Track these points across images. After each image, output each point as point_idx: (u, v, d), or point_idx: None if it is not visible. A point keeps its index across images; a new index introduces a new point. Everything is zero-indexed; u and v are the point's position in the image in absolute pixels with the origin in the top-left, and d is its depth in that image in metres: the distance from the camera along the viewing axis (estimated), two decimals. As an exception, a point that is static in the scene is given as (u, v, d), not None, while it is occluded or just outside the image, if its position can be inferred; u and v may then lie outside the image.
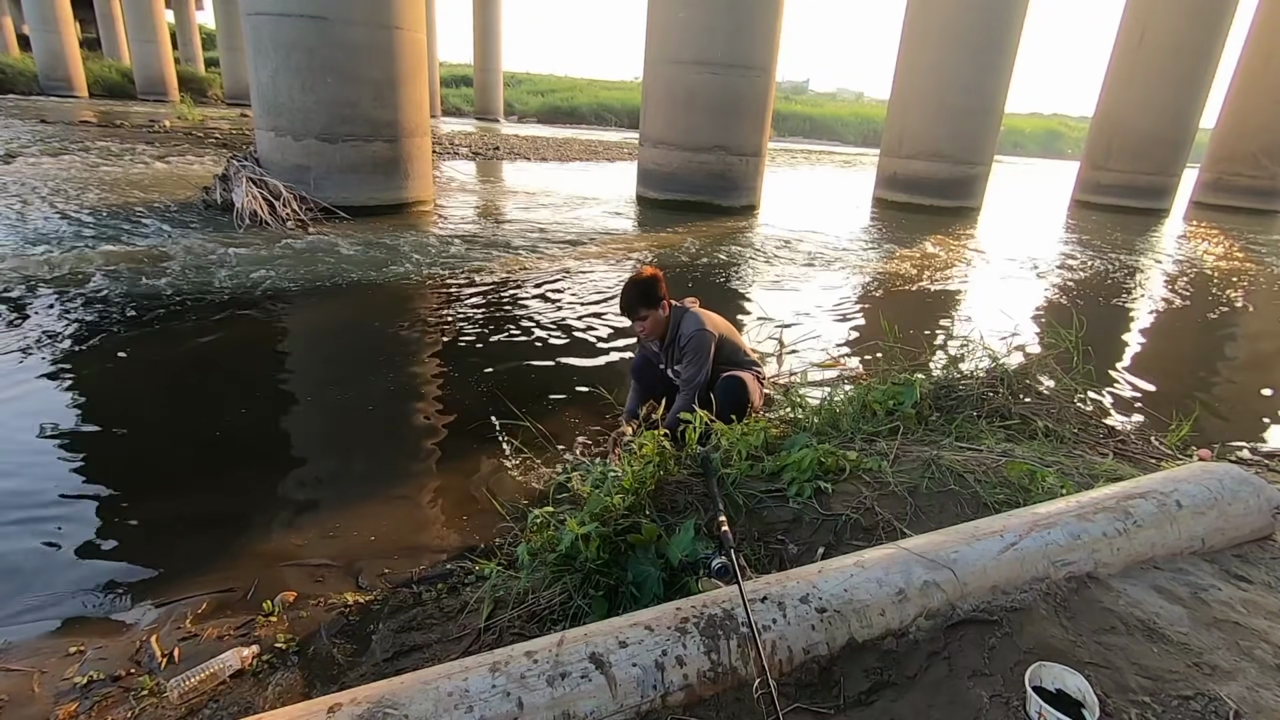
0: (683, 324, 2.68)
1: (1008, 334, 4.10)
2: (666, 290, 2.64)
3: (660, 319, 2.65)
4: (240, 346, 3.89)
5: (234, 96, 24.83)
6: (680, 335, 2.67)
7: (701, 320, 2.67)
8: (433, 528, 2.37)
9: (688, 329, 2.65)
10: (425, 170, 7.92)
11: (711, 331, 2.66)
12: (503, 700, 1.18)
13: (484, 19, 26.28)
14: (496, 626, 1.76)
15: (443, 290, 5.12)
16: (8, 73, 22.46)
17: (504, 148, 16.59)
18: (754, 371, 2.81)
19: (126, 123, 15.22)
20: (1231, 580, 1.76)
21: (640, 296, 2.59)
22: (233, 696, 1.58)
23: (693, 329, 2.64)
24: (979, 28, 10.33)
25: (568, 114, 31.91)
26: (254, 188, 6.71)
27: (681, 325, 2.68)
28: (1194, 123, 13.29)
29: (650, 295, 2.59)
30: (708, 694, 1.31)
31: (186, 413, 3.10)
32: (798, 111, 34.47)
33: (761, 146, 9.69)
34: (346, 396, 3.32)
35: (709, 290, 5.69)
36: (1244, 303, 6.72)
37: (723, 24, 8.52)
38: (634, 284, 2.61)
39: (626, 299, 2.61)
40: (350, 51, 6.76)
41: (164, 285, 4.67)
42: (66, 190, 7.52)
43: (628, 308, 2.62)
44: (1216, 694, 1.37)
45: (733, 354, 2.80)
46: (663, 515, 1.95)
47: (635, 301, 2.60)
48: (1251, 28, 14.94)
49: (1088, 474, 2.33)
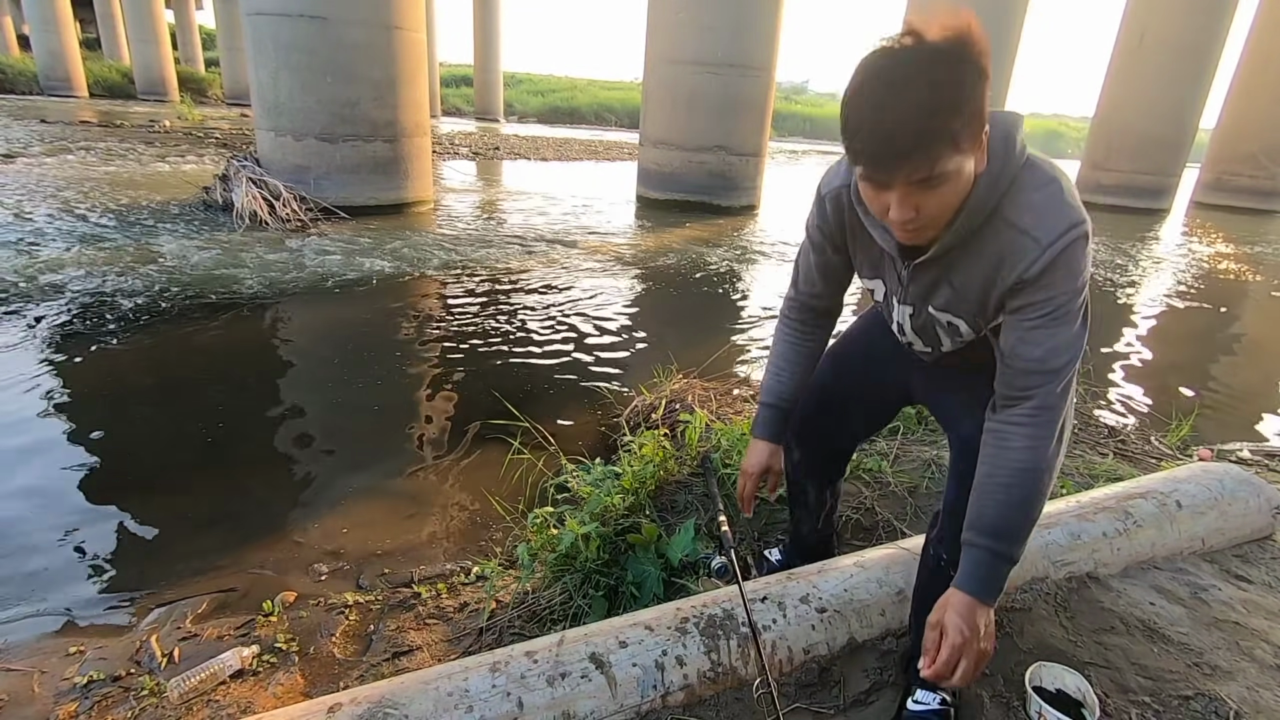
0: (1011, 189, 0.96)
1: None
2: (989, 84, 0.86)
3: (965, 179, 0.91)
4: (240, 346, 3.89)
5: (234, 96, 24.81)
6: (1014, 227, 0.96)
7: (1062, 185, 0.96)
8: (433, 528, 2.37)
9: (1032, 212, 0.95)
10: (425, 170, 7.92)
11: (1088, 220, 0.95)
12: (503, 700, 1.18)
13: (484, 19, 26.27)
14: (496, 626, 1.76)
15: (442, 290, 5.11)
16: (8, 73, 22.44)
17: (504, 148, 16.58)
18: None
19: (126, 123, 15.21)
20: (1231, 580, 1.76)
21: (938, 111, 0.82)
22: (233, 696, 1.58)
23: (1052, 214, 0.94)
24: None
25: (568, 114, 31.89)
26: (254, 188, 6.71)
27: (1009, 196, 0.96)
28: (1194, 123, 13.28)
29: (958, 104, 0.83)
30: (708, 694, 1.31)
31: (185, 412, 3.09)
32: (798, 111, 34.44)
33: (762, 146, 9.69)
34: (346, 396, 3.32)
35: (709, 290, 5.70)
36: (1244, 303, 6.72)
37: (723, 24, 8.52)
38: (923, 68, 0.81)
39: (902, 120, 0.82)
40: (350, 51, 6.76)
41: (162, 285, 4.67)
42: (67, 190, 7.51)
43: (901, 145, 0.83)
44: (1216, 694, 1.37)
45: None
46: (663, 515, 1.95)
47: (926, 124, 0.82)
48: (1251, 28, 14.94)
49: (1088, 474, 2.33)
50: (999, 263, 0.99)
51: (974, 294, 1.04)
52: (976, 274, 1.02)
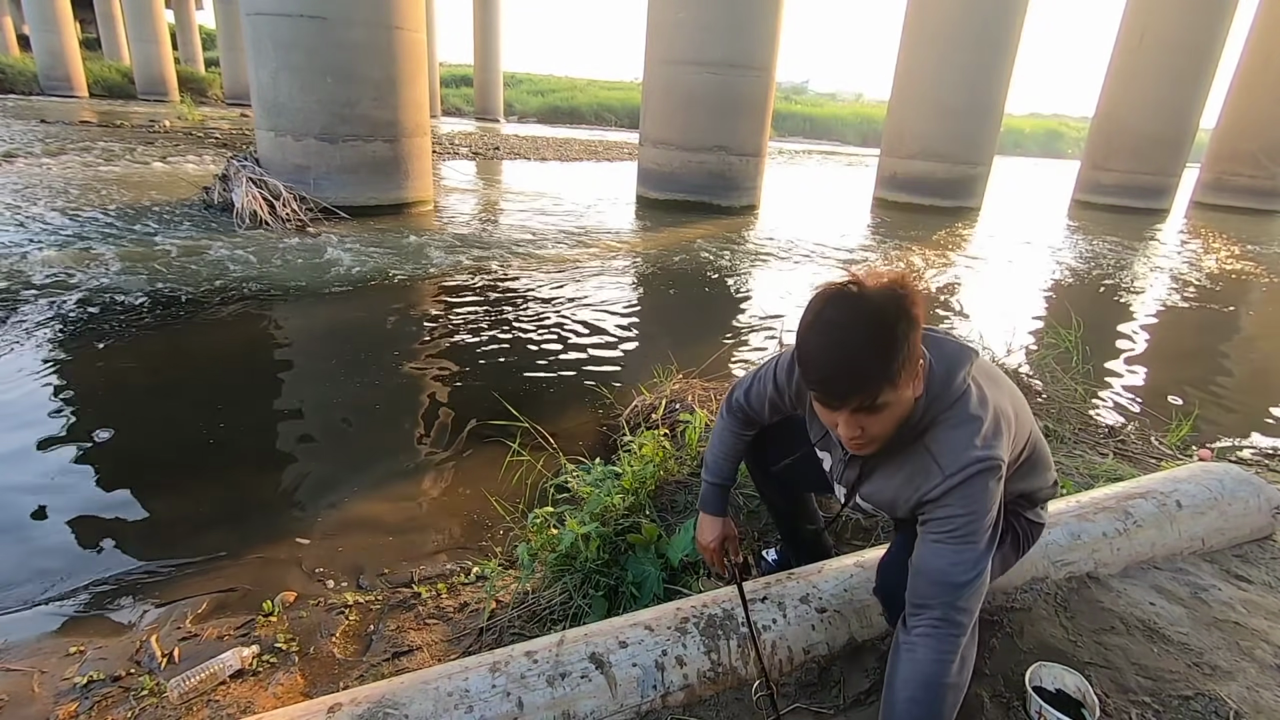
0: (937, 421, 1.10)
1: (1007, 334, 4.09)
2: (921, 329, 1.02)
3: (904, 404, 1.05)
4: (240, 346, 3.89)
5: (234, 96, 24.81)
6: (928, 453, 1.10)
7: (982, 424, 1.08)
8: (433, 528, 2.37)
9: (945, 444, 1.08)
10: (425, 170, 7.92)
11: (999, 458, 1.07)
12: (503, 700, 1.18)
13: (484, 19, 26.27)
14: (496, 626, 1.76)
15: (442, 290, 5.11)
16: (8, 73, 22.43)
17: (504, 148, 16.58)
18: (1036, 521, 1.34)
19: (126, 123, 15.21)
20: (1231, 580, 1.76)
21: (876, 358, 0.98)
22: (233, 696, 1.58)
23: (961, 450, 1.07)
24: (979, 28, 10.32)
25: (568, 114, 31.89)
26: (254, 188, 6.71)
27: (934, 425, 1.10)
28: (1194, 123, 13.27)
29: (893, 352, 0.98)
30: (708, 694, 1.31)
31: (185, 412, 3.09)
32: (798, 111, 34.43)
33: (762, 146, 9.68)
34: (346, 396, 3.32)
35: (709, 290, 5.70)
36: (1244, 303, 6.72)
37: (722, 24, 8.52)
38: (863, 320, 0.98)
39: (846, 365, 0.99)
40: (350, 51, 6.76)
41: (162, 285, 4.67)
42: (66, 190, 7.51)
43: (846, 386, 1.00)
44: (1216, 694, 1.37)
45: (1026, 475, 1.26)
46: (663, 515, 1.95)
47: (867, 369, 0.98)
48: (1251, 28, 14.93)
49: (1088, 474, 2.33)
50: (910, 478, 1.13)
51: (889, 497, 1.19)
52: (894, 482, 1.17)
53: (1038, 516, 1.34)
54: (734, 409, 1.45)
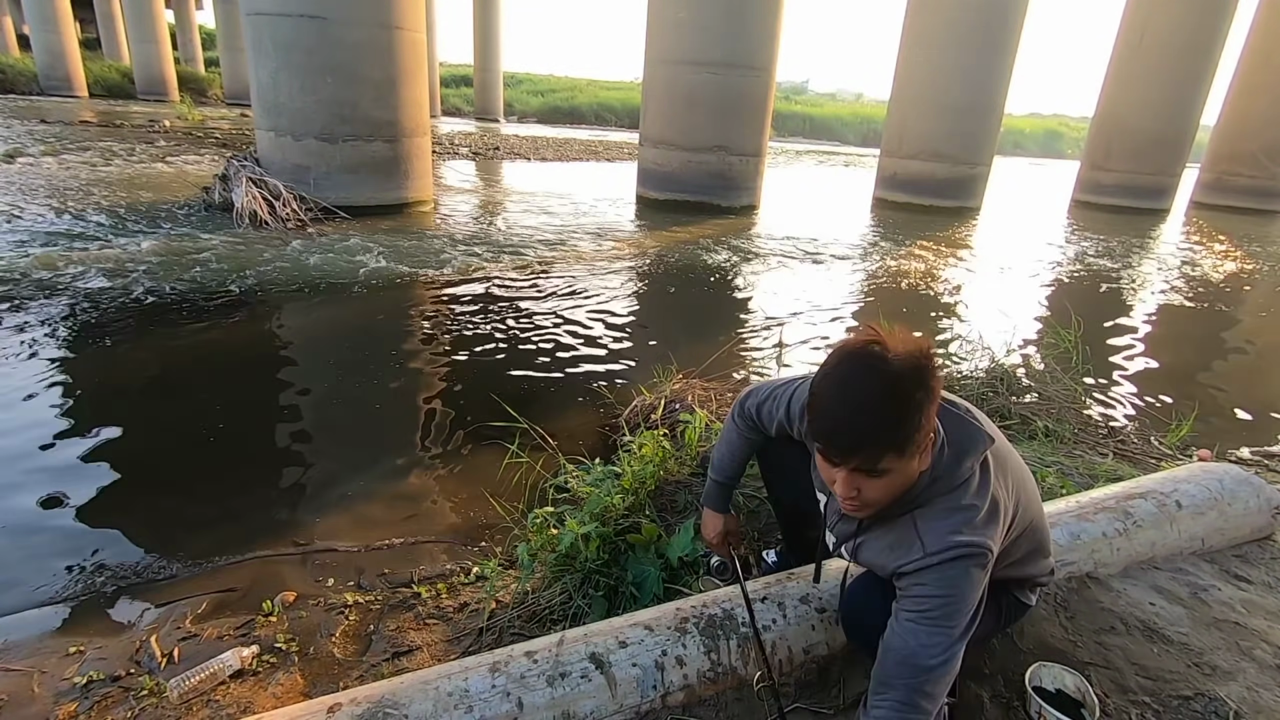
0: (932, 502, 1.10)
1: (1007, 334, 4.09)
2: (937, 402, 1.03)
3: (906, 475, 1.05)
4: (239, 346, 3.89)
5: (234, 96, 24.80)
6: (914, 529, 1.10)
7: (976, 512, 1.08)
8: (433, 528, 2.37)
9: (934, 524, 1.08)
10: (425, 170, 7.92)
11: (987, 546, 1.06)
12: (503, 700, 1.18)
13: (484, 19, 26.27)
14: (496, 626, 1.76)
15: (442, 290, 5.11)
16: (8, 73, 22.42)
17: (504, 148, 16.58)
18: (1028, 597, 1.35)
19: (126, 123, 15.21)
20: (1231, 580, 1.76)
21: (886, 422, 0.98)
22: (232, 696, 1.58)
23: (947, 534, 1.06)
24: (979, 28, 10.32)
25: (568, 114, 31.88)
26: (254, 188, 6.71)
27: (930, 503, 1.10)
28: (1194, 123, 13.27)
29: (904, 419, 0.98)
30: (707, 694, 1.31)
31: (185, 412, 3.09)
32: (798, 111, 34.41)
33: (761, 147, 9.68)
34: (345, 396, 3.32)
35: (709, 290, 5.70)
36: (1244, 303, 6.72)
37: (722, 24, 8.52)
38: (880, 383, 0.97)
39: (854, 423, 0.99)
40: (350, 51, 6.76)
41: (162, 285, 4.67)
42: (66, 190, 7.51)
43: (849, 444, 1.00)
44: (1216, 694, 1.37)
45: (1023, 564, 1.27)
46: (663, 515, 1.95)
47: (874, 431, 0.98)
48: (1251, 28, 14.92)
49: (1088, 474, 2.33)
50: (894, 547, 1.12)
51: (877, 558, 1.17)
52: (881, 546, 1.15)
53: (1025, 598, 1.34)
54: (745, 415, 1.45)
